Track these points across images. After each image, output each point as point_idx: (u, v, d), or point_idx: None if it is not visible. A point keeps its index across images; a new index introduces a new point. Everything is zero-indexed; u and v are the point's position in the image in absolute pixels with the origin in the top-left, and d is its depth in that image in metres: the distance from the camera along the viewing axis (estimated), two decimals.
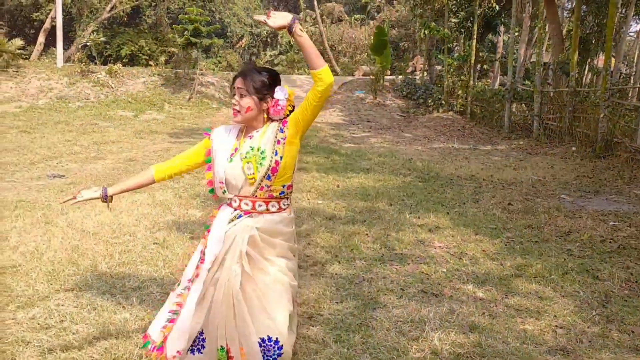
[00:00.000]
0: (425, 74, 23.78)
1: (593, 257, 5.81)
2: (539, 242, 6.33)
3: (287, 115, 2.78)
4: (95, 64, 20.90)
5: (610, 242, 6.37)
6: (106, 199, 2.89)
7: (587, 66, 16.94)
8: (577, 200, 8.76)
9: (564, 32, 18.94)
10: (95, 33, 23.47)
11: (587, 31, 16.67)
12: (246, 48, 47.39)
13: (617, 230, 6.92)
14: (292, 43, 47.03)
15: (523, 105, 18.02)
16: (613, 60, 18.99)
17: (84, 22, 28.32)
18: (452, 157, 12.74)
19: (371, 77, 23.06)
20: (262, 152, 2.71)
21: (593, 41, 15.93)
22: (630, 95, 16.69)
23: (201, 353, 2.70)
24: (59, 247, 5.06)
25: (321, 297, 4.31)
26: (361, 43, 46.03)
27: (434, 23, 19.77)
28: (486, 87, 21.92)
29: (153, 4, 33.00)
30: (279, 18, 2.53)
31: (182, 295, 2.78)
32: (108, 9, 28.40)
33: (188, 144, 12.15)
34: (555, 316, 4.27)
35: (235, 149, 2.76)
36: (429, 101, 20.15)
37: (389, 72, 25.28)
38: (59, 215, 6.18)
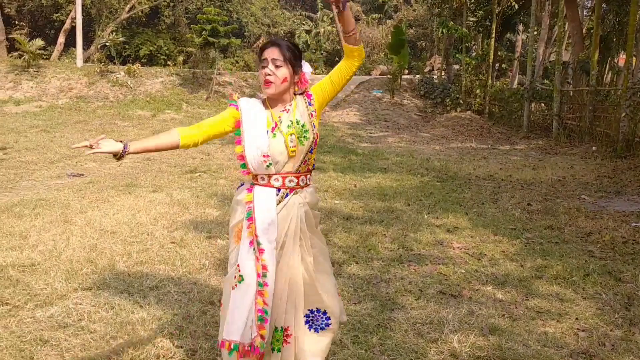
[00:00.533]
0: (443, 73, 23.63)
1: (615, 258, 5.71)
2: (560, 243, 6.24)
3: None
4: (115, 64, 21.03)
5: (632, 244, 6.26)
6: (124, 155, 2.52)
7: (607, 65, 16.70)
8: (598, 200, 8.63)
9: (584, 30, 18.70)
10: (114, 33, 23.62)
11: (608, 30, 16.44)
12: None
13: (639, 231, 6.80)
14: (308, 43, 47.13)
15: (542, 104, 17.82)
16: (634, 59, 18.74)
17: (103, 23, 28.55)
18: (470, 157, 12.63)
19: (389, 76, 22.97)
20: (302, 126, 2.64)
21: (614, 40, 15.71)
22: None
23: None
24: (77, 245, 5.08)
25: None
26: (378, 42, 45.88)
27: (452, 22, 19.61)
28: (505, 86, 21.72)
29: (171, 4, 33.19)
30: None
31: (263, 293, 2.59)
32: (127, 9, 28.60)
33: (205, 143, 12.19)
34: (577, 318, 4.20)
35: (275, 123, 2.63)
36: (447, 100, 20.02)
37: (406, 71, 25.17)
38: (78, 214, 6.22)
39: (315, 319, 2.71)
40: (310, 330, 2.70)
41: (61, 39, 26.87)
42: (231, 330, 2.61)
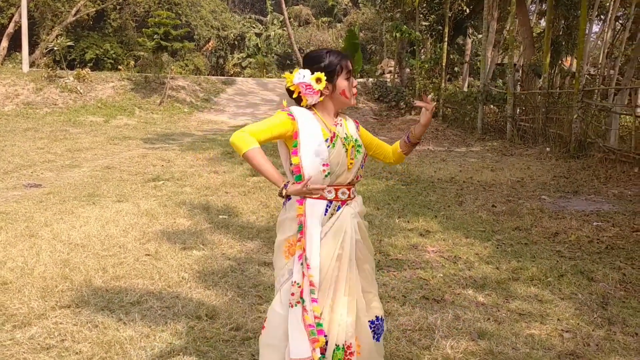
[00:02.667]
0: (396, 76, 23.90)
1: (584, 258, 5.88)
2: (529, 244, 6.38)
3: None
4: (62, 68, 20.40)
5: (597, 243, 6.46)
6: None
7: (557, 68, 17.24)
8: (557, 200, 8.88)
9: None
10: (60, 37, 22.91)
11: (557, 33, 16.97)
12: (213, 51, 47.01)
13: (602, 230, 7.02)
14: (259, 46, 46.92)
15: (493, 107, 18.22)
16: (568, 60, 19.42)
17: (47, 26, 27.67)
18: (430, 160, 12.81)
19: None
20: (356, 140, 2.72)
21: (563, 43, 16.24)
22: (595, 97, 17.06)
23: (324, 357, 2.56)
24: (48, 261, 4.88)
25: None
26: (329, 46, 46.16)
27: (405, 26, 19.85)
28: (457, 89, 22.14)
29: (118, 7, 32.48)
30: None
31: (312, 309, 2.52)
32: (73, 12, 27.80)
33: (164, 150, 11.97)
34: (558, 319, 4.29)
35: (333, 134, 2.61)
36: (401, 104, 20.26)
37: (358, 75, 25.33)
38: (43, 227, 5.98)
39: (377, 328, 2.74)
40: (373, 339, 2.71)
41: (4, 43, 25.91)
42: (299, 351, 2.51)
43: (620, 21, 28.95)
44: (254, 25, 50.32)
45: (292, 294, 2.55)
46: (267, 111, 20.36)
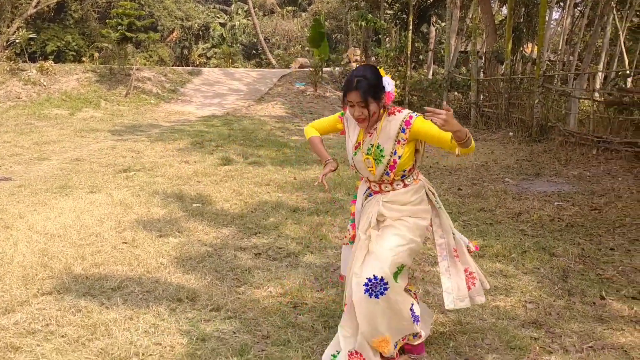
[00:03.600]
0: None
1: (545, 235, 6.17)
2: (493, 223, 6.65)
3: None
4: (25, 61, 20.04)
5: (558, 221, 6.76)
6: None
7: (518, 55, 17.64)
8: (520, 182, 9.20)
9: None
10: (21, 29, 22.47)
11: (518, 20, 17.35)
12: (177, 41, 46.54)
13: (563, 209, 7.34)
14: (224, 36, 46.62)
15: (457, 93, 18.57)
16: (528, 47, 19.86)
17: (7, 19, 27.06)
18: None
19: (310, 69, 23.18)
20: (381, 150, 3.03)
21: (524, 30, 16.64)
22: (555, 82, 17.53)
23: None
24: (26, 251, 4.93)
25: (302, 286, 4.41)
26: (294, 35, 46.10)
27: (370, 15, 20.03)
28: (422, 77, 22.46)
29: None
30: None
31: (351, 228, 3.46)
32: (34, 4, 27.23)
33: (132, 141, 11.95)
34: (522, 292, 4.54)
35: (359, 143, 3.12)
36: None
37: (324, 64, 25.48)
38: (17, 219, 6.00)
39: (374, 286, 2.97)
40: (365, 294, 2.99)
41: None
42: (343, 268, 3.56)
43: (579, 8, 29.66)
44: (218, 15, 49.92)
45: (345, 237, 3.47)
46: (235, 101, 20.35)
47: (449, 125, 2.73)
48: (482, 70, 16.68)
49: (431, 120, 2.73)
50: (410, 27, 19.32)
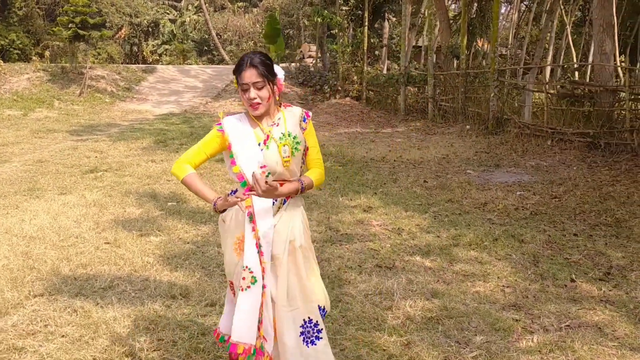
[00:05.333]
0: (318, 61, 24.25)
1: (512, 223, 6.46)
2: (462, 214, 6.92)
3: None
4: None
5: (522, 210, 7.09)
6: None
7: (472, 49, 18.13)
8: (481, 174, 9.54)
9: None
10: None
11: (471, 16, 17.82)
12: (126, 38, 45.68)
13: (525, 198, 7.68)
14: (174, 32, 46.01)
15: (412, 88, 18.90)
16: (477, 42, 20.39)
17: None
18: (359, 141, 13.27)
19: None
20: (294, 138, 2.76)
21: (476, 25, 17.11)
22: (507, 76, 18.11)
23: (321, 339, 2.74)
24: (9, 254, 4.89)
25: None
26: (247, 31, 45.87)
27: (326, 11, 20.17)
28: (379, 72, 22.76)
29: None
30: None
31: (263, 294, 2.69)
32: None
33: (93, 141, 11.78)
34: (498, 277, 4.79)
35: (267, 136, 2.72)
36: (326, 88, 20.63)
37: (280, 60, 25.50)
38: None
39: (307, 331, 2.73)
40: (303, 343, 2.71)
41: None
42: (241, 334, 2.69)
43: (525, 2, 30.57)
44: (168, 11, 49.17)
45: (243, 278, 2.69)
46: (192, 98, 20.21)
47: (269, 195, 2.59)
48: (437, 65, 17.07)
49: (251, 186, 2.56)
50: (366, 23, 19.56)
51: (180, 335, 3.57)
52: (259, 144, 2.71)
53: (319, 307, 2.77)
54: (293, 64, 24.92)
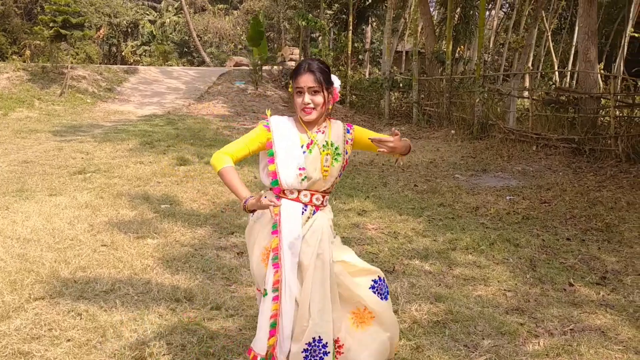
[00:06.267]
0: None
1: (505, 228, 6.53)
2: (455, 218, 6.97)
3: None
4: None
5: (514, 214, 7.16)
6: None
7: (456, 55, 18.30)
8: (469, 178, 9.63)
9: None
10: None
11: (455, 22, 17.98)
12: (105, 39, 45.20)
13: (515, 203, 7.77)
14: (154, 33, 45.64)
15: (397, 93, 19.02)
16: (460, 49, 20.62)
17: None
18: None
19: (249, 67, 23.12)
20: (336, 148, 2.75)
21: (460, 32, 17.27)
22: (488, 82, 18.31)
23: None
24: (5, 256, 4.79)
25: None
26: (227, 33, 45.71)
27: (310, 15, 20.20)
28: (362, 76, 22.85)
29: None
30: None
31: (275, 306, 2.66)
32: None
33: (78, 142, 11.61)
34: (498, 281, 4.83)
35: (312, 140, 2.72)
36: None
37: (264, 62, 25.45)
38: None
39: (380, 288, 2.77)
40: (382, 300, 2.75)
41: None
42: (256, 341, 2.71)
43: (504, 10, 30.96)
44: (147, 12, 48.81)
45: (261, 290, 2.74)
46: (175, 100, 20.04)
47: (398, 150, 2.63)
48: (422, 70, 17.19)
49: (379, 149, 2.59)
50: (351, 27, 19.63)
51: (189, 339, 3.53)
52: (302, 147, 2.71)
53: (376, 279, 2.78)
54: (276, 67, 24.89)
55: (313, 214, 2.74)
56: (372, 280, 2.78)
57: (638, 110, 11.45)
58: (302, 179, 2.68)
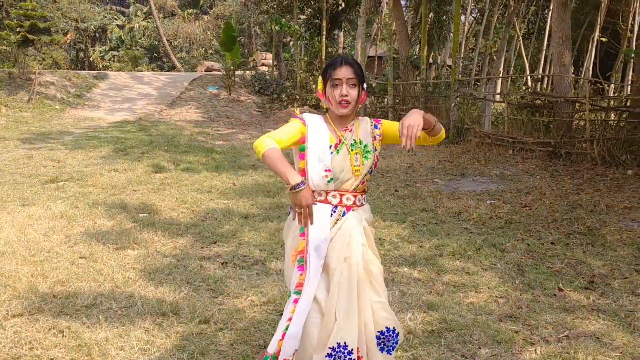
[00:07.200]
0: (274, 69, 24.14)
1: (490, 232, 6.50)
2: (439, 223, 6.93)
3: None
4: None
5: (497, 218, 7.15)
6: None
7: (430, 59, 18.41)
8: (449, 183, 9.62)
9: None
10: None
11: (430, 27, 18.10)
12: (72, 44, 44.45)
13: (497, 207, 7.76)
14: (123, 39, 45.02)
15: (372, 97, 19.02)
16: (433, 54, 20.75)
17: None
18: None
19: (220, 72, 22.92)
20: (365, 146, 2.69)
21: (434, 37, 17.37)
22: (467, 86, 18.46)
23: None
24: None
25: (283, 294, 4.40)
26: (197, 38, 45.33)
27: (284, 19, 20.10)
28: None
29: None
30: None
31: (294, 309, 2.58)
32: None
33: (48, 149, 11.31)
34: (489, 287, 4.78)
35: (340, 140, 2.66)
36: (283, 96, 20.52)
37: (237, 67, 25.26)
38: None
39: (387, 340, 2.64)
40: (382, 352, 2.63)
41: None
42: (272, 345, 2.61)
43: (473, 15, 31.35)
44: (115, 17, 48.19)
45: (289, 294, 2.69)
46: (146, 106, 19.74)
47: (425, 126, 2.60)
48: (397, 74, 17.22)
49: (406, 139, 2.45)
50: (324, 32, 19.58)
51: (178, 355, 3.39)
52: (330, 147, 2.65)
53: (387, 329, 2.65)
54: (248, 72, 24.73)
55: (343, 216, 2.66)
56: (379, 332, 2.64)
57: (612, 114, 11.61)
58: (329, 181, 2.63)
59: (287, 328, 2.57)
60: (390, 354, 2.67)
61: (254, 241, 5.79)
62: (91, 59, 44.60)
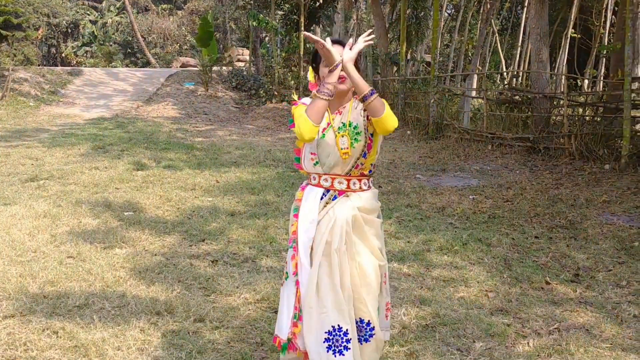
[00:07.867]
0: (251, 65, 24.04)
1: (474, 227, 6.58)
2: (424, 218, 6.99)
3: None
4: None
5: (480, 213, 7.23)
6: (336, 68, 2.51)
7: (408, 56, 18.51)
8: (430, 178, 9.70)
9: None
10: None
11: (408, 23, 18.19)
12: (43, 40, 43.67)
13: (479, 202, 7.86)
14: (95, 34, 44.41)
15: None
16: (411, 50, 20.88)
17: None
18: None
19: (197, 68, 22.76)
20: (354, 127, 2.63)
21: (413, 33, 17.47)
22: (444, 82, 18.60)
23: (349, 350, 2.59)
24: None
25: (277, 291, 4.40)
26: (172, 33, 44.88)
27: (261, 15, 20.01)
28: None
29: None
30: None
31: (296, 294, 2.67)
32: None
33: (25, 147, 11.12)
34: (477, 282, 4.85)
35: (328, 124, 2.65)
36: (261, 92, 20.46)
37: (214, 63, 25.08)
38: None
39: (360, 330, 2.68)
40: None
41: None
42: (280, 327, 2.72)
43: (448, 11, 31.56)
44: (88, 12, 47.48)
45: (284, 273, 2.81)
46: (122, 102, 19.51)
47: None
48: (377, 71, 17.28)
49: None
50: (302, 28, 19.55)
51: (176, 354, 3.38)
52: (323, 127, 2.66)
53: (361, 320, 2.68)
54: (225, 68, 24.58)
55: (333, 199, 2.68)
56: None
57: (589, 109, 11.82)
58: (315, 164, 2.69)
59: (296, 317, 2.64)
60: (361, 344, 2.69)
61: (243, 239, 5.78)
62: (63, 55, 43.89)
